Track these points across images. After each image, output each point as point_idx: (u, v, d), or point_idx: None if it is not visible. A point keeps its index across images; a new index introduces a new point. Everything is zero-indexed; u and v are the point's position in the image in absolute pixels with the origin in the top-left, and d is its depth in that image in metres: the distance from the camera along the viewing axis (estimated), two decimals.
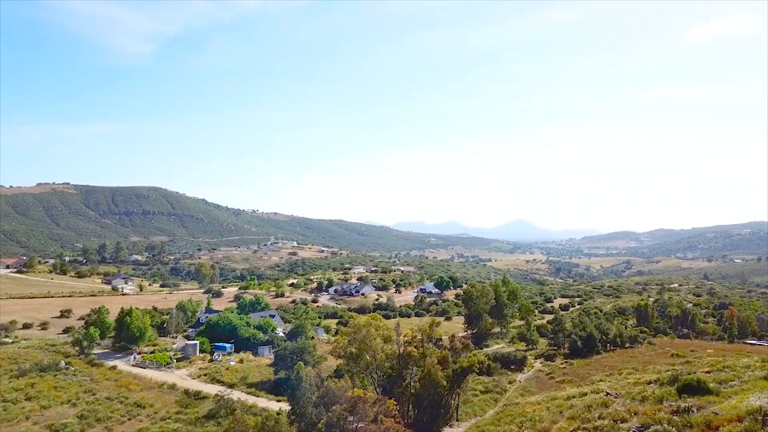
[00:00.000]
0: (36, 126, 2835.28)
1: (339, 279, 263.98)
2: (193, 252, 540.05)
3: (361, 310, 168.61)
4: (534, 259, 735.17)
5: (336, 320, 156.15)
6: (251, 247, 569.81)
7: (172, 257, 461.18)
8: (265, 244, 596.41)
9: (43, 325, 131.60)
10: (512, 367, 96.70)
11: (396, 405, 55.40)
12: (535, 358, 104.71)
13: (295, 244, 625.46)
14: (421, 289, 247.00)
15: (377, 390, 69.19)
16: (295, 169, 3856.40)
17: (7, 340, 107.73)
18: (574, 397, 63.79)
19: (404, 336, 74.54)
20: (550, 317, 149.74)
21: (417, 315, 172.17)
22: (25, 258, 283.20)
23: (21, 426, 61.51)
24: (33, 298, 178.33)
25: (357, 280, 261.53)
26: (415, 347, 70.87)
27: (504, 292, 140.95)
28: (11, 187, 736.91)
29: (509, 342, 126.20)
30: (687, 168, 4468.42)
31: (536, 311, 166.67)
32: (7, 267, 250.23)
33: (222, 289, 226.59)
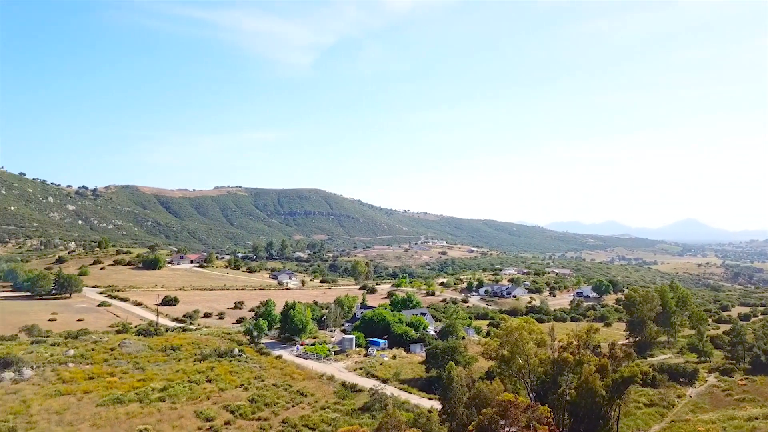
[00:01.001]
0: (213, 135, 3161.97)
1: (489, 280, 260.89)
2: (349, 250, 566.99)
3: (513, 313, 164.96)
4: (707, 263, 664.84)
5: (486, 321, 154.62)
6: (403, 246, 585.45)
7: (331, 254, 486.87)
8: (416, 243, 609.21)
9: (220, 315, 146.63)
10: (681, 380, 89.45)
11: (550, 412, 53.47)
12: (709, 372, 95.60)
13: (444, 243, 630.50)
14: (577, 293, 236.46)
15: (530, 395, 67.52)
16: (445, 169, 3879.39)
17: (191, 327, 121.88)
18: (756, 418, 57.10)
19: (559, 341, 72.05)
20: (726, 327, 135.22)
21: (573, 320, 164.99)
22: (205, 254, 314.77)
23: (203, 405, 69.03)
24: (212, 290, 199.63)
25: (508, 281, 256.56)
26: (570, 353, 68.01)
27: (671, 297, 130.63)
28: (194, 190, 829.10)
29: (677, 352, 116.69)
30: None
31: (709, 320, 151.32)
32: (191, 262, 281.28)
33: (376, 286, 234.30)
